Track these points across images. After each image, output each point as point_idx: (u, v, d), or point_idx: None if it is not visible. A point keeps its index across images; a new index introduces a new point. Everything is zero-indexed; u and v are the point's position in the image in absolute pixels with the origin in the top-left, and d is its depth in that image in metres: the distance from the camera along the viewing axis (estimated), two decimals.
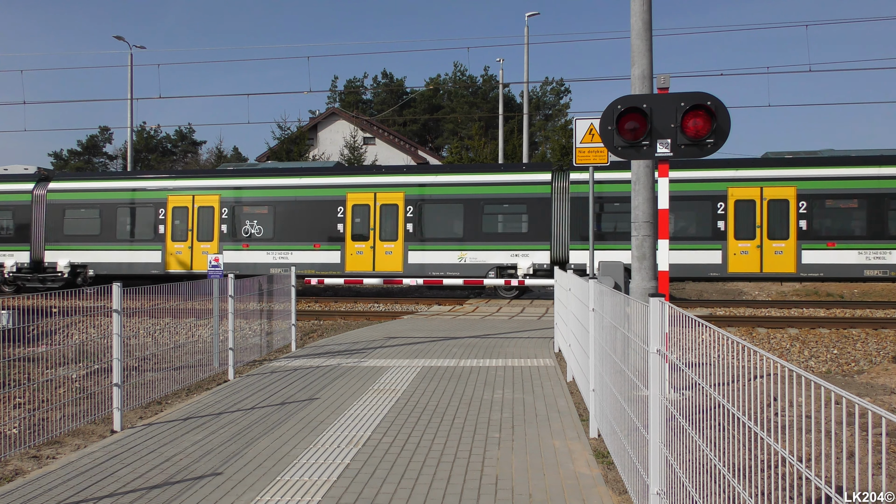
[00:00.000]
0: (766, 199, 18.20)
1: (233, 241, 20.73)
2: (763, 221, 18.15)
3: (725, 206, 18.24)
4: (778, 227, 18.12)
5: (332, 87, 59.33)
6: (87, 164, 50.39)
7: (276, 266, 20.15)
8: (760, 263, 18.10)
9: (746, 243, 18.15)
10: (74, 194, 21.78)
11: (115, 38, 37.73)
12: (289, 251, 20.41)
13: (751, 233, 18.19)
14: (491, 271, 19.40)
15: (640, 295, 7.79)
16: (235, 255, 20.58)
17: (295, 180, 20.79)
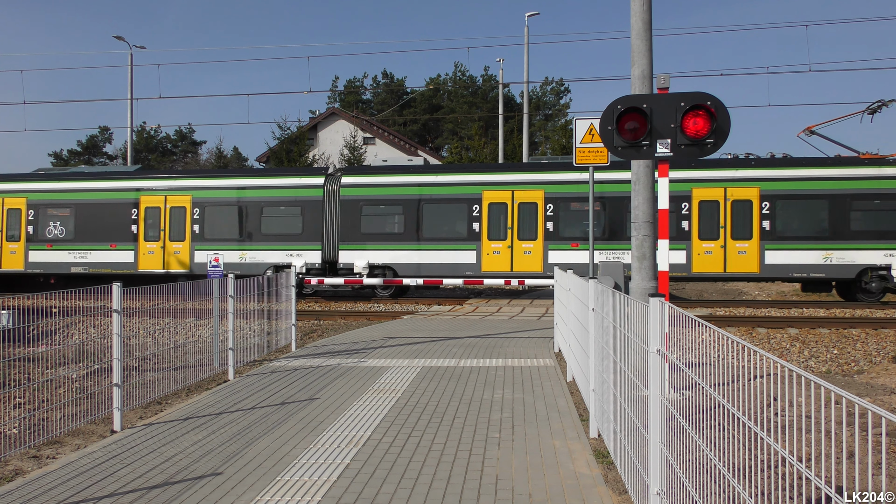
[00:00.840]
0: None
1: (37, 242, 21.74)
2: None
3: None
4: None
5: (332, 87, 59.35)
6: (87, 164, 50.39)
7: (76, 265, 21.28)
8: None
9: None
10: None
11: (115, 38, 37.72)
12: None
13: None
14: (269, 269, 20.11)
15: (640, 295, 7.79)
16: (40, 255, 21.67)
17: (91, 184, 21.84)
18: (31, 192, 21.74)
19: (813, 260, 17.96)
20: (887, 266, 17.84)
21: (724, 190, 18.22)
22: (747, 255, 18.00)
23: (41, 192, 21.73)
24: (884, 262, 17.82)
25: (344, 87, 60.21)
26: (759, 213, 18.06)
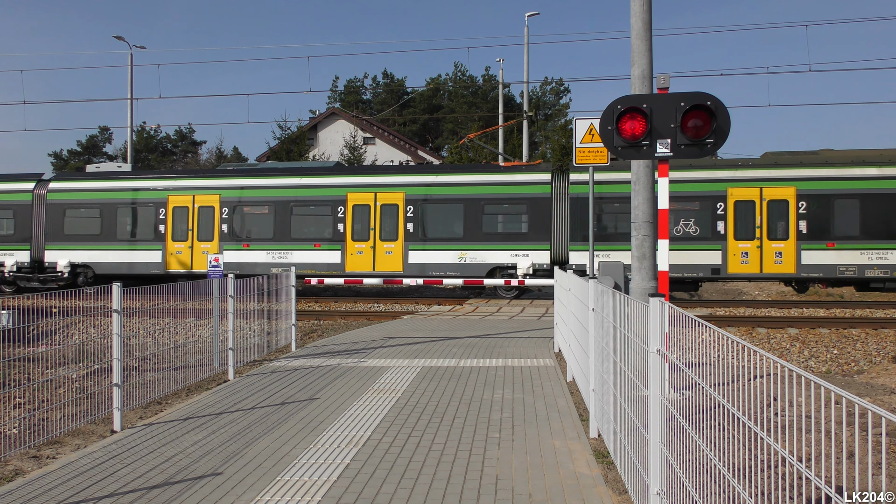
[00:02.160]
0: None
1: None
2: None
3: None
4: None
5: (333, 87, 59.35)
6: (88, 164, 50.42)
7: None
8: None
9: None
10: None
11: (115, 38, 37.73)
12: None
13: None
14: None
15: (640, 295, 7.79)
16: None
17: None
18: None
19: None
20: None
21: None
22: None
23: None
24: None
25: (344, 87, 60.21)
26: None
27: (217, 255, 9.87)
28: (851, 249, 17.83)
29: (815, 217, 18.00)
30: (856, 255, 17.85)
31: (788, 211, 18.14)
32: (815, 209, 17.97)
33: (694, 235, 18.51)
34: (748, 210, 18.31)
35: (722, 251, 18.30)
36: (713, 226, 18.44)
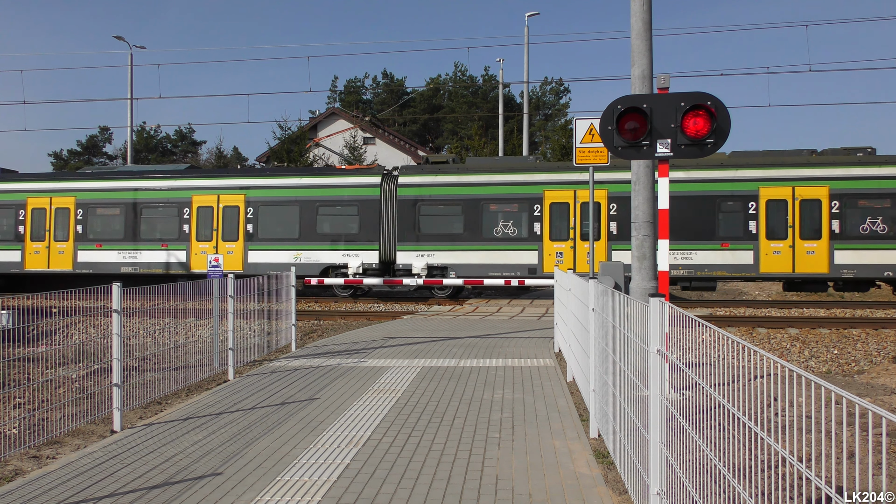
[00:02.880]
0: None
1: None
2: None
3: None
4: None
5: (332, 87, 59.36)
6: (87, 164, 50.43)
7: None
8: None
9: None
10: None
11: (115, 38, 37.73)
12: None
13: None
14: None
15: (640, 295, 7.79)
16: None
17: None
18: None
19: None
20: None
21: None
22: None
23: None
24: None
25: (344, 87, 60.21)
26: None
27: (217, 256, 9.86)
28: None
29: (621, 219, 18.77)
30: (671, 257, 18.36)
31: (600, 213, 19.07)
32: (623, 211, 18.58)
33: (513, 236, 19.42)
34: (563, 212, 19.30)
35: (537, 251, 19.33)
36: (530, 227, 19.42)
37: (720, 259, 18.42)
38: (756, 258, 18.31)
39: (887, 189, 17.96)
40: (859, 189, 18.07)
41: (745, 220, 18.44)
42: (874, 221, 18.01)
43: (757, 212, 18.38)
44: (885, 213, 17.98)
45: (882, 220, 17.97)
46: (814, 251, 18.13)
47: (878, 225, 17.97)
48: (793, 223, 18.28)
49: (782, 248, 18.25)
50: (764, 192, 18.38)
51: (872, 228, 17.98)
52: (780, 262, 18.24)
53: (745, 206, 18.45)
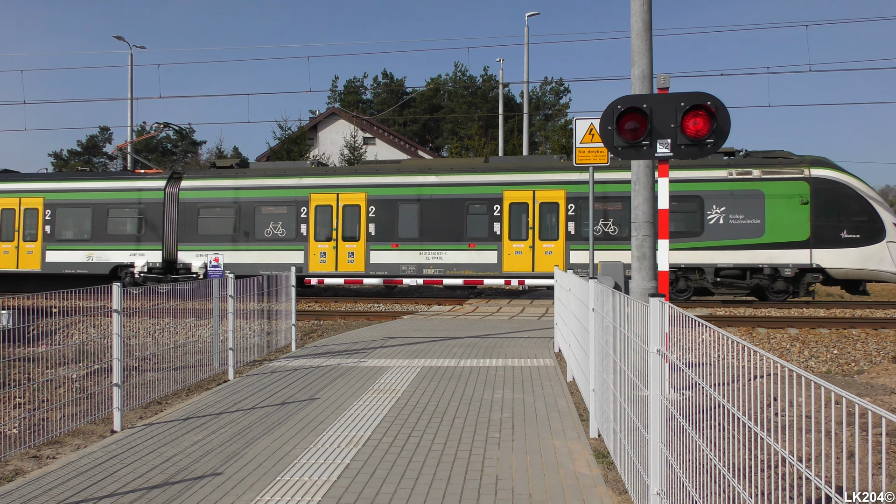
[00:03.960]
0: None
1: None
2: None
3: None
4: None
5: (333, 87, 59.37)
6: (87, 164, 50.46)
7: None
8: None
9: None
10: None
11: (115, 38, 37.73)
12: None
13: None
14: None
15: (640, 295, 7.79)
16: None
17: None
18: None
19: None
20: None
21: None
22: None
23: None
24: None
25: (344, 87, 60.22)
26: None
27: (217, 256, 9.86)
28: (411, 250, 19.85)
29: (380, 220, 20.21)
30: (415, 255, 19.83)
31: (359, 214, 20.32)
32: (383, 214, 20.19)
33: (282, 237, 20.70)
34: (327, 214, 20.58)
35: (303, 251, 20.61)
36: (298, 229, 20.63)
37: (468, 259, 19.56)
38: (500, 258, 19.45)
39: (619, 192, 18.70)
40: (596, 192, 18.77)
41: (491, 222, 19.58)
42: (606, 223, 19.06)
43: (501, 214, 19.53)
44: (616, 215, 18.97)
45: (613, 223, 19.02)
46: (552, 251, 19.20)
47: (610, 227, 19.02)
48: (533, 225, 19.34)
49: (523, 249, 19.34)
50: (508, 196, 19.51)
51: (605, 230, 19.02)
52: (521, 261, 19.33)
53: (491, 208, 19.60)
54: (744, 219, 18.42)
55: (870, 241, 17.93)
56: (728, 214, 18.49)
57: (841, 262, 18.07)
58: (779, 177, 18.39)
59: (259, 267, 20.18)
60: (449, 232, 19.74)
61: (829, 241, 18.01)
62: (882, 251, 17.85)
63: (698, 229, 18.60)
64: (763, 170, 18.53)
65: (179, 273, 21.07)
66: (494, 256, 19.47)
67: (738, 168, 18.67)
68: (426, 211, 19.96)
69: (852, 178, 18.41)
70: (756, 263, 18.34)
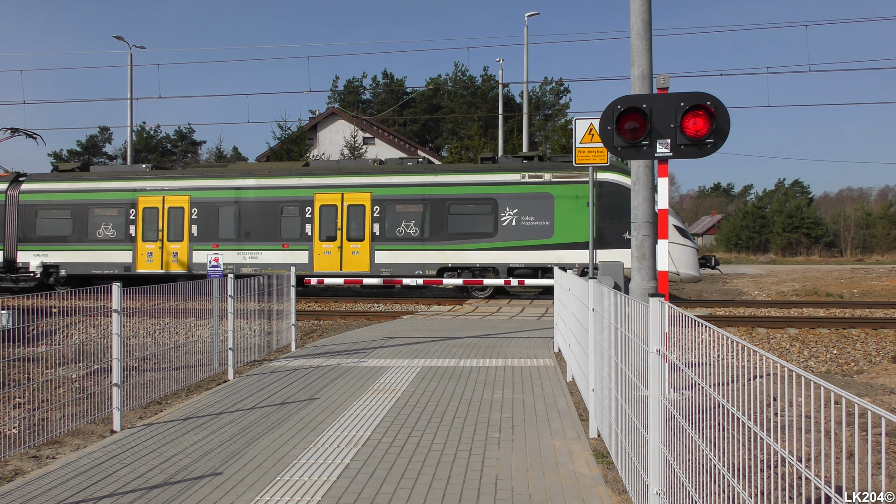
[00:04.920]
0: None
1: None
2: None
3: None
4: None
5: (333, 87, 59.37)
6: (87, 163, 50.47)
7: None
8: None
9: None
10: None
11: (115, 38, 37.72)
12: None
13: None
14: None
15: (640, 295, 7.79)
16: None
17: None
18: None
19: None
20: None
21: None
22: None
23: None
24: None
25: (344, 87, 60.21)
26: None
27: (217, 255, 9.86)
28: (230, 250, 20.91)
29: (202, 222, 21.21)
30: (234, 255, 20.82)
31: (183, 216, 21.43)
32: (205, 215, 21.25)
33: (113, 237, 21.68)
34: (154, 215, 21.59)
35: (132, 251, 21.60)
36: (127, 230, 21.64)
37: (281, 259, 20.52)
38: (311, 258, 20.43)
39: (418, 195, 19.99)
40: (396, 195, 20.21)
41: (303, 223, 20.60)
42: (408, 224, 20.06)
43: (313, 216, 20.51)
44: (416, 217, 20.08)
45: (414, 224, 20.06)
46: (358, 252, 20.19)
47: (412, 228, 20.03)
48: (341, 226, 20.35)
49: (332, 249, 20.38)
50: (319, 198, 20.54)
51: (406, 231, 20.04)
52: (330, 261, 20.35)
53: (304, 210, 20.63)
54: (535, 220, 19.36)
55: None
56: (520, 216, 19.41)
57: (625, 262, 18.52)
58: (567, 180, 19.26)
59: (91, 266, 21.53)
60: (265, 233, 20.78)
61: (613, 242, 18.79)
62: None
63: (492, 230, 19.58)
64: (553, 173, 19.48)
65: (19, 272, 22.06)
66: (306, 256, 20.46)
67: (530, 172, 19.66)
68: (244, 213, 21.01)
69: None
70: (546, 263, 19.24)
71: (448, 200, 19.97)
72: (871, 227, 65.72)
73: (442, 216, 19.91)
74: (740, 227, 70.03)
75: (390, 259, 19.98)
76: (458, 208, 19.87)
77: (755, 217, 70.01)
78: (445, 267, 19.86)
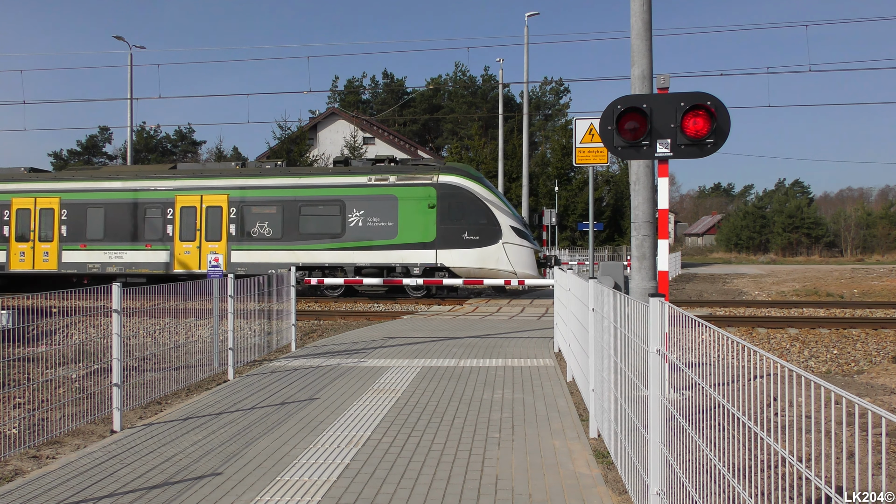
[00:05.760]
0: None
1: None
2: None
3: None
4: None
5: (333, 87, 59.39)
6: (87, 163, 50.43)
7: None
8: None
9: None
10: None
11: (115, 38, 37.71)
12: None
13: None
14: None
15: (640, 295, 7.79)
16: None
17: None
18: None
19: None
20: None
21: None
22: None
23: None
24: None
25: (344, 87, 60.21)
26: None
27: (217, 255, 9.87)
28: (97, 250, 21.77)
29: (72, 223, 22.09)
30: (100, 255, 21.76)
31: (53, 217, 22.23)
32: (74, 217, 22.10)
33: None
34: (26, 217, 22.37)
35: (6, 251, 22.43)
36: (0, 230, 22.45)
37: (144, 258, 21.52)
38: (171, 257, 21.43)
39: (272, 197, 21.07)
40: (251, 197, 21.20)
41: (165, 224, 21.54)
42: (262, 226, 21.08)
43: (174, 217, 21.47)
44: (270, 218, 21.06)
45: (268, 225, 21.05)
46: (216, 252, 21.09)
47: (266, 229, 21.08)
48: (200, 227, 21.33)
49: (192, 249, 21.36)
50: (180, 200, 21.46)
51: (261, 232, 21.10)
52: (190, 260, 21.43)
53: (165, 212, 21.55)
54: (380, 221, 20.26)
55: (488, 243, 19.80)
56: (366, 217, 20.36)
57: (462, 261, 19.88)
58: (411, 182, 20.20)
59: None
60: (129, 234, 21.70)
61: (453, 243, 19.85)
62: (499, 251, 19.78)
63: (340, 231, 20.54)
64: (398, 176, 20.43)
65: None
66: (167, 256, 21.44)
67: (377, 174, 20.60)
68: (111, 214, 21.82)
69: (475, 184, 20.17)
70: (390, 263, 20.16)
71: (300, 202, 20.94)
72: (872, 227, 65.74)
73: (294, 217, 20.88)
74: (740, 227, 70.05)
75: (246, 259, 20.99)
76: (309, 210, 20.84)
77: (755, 217, 70.04)
78: (297, 266, 20.64)
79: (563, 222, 44.44)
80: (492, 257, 19.71)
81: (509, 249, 19.70)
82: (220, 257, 9.89)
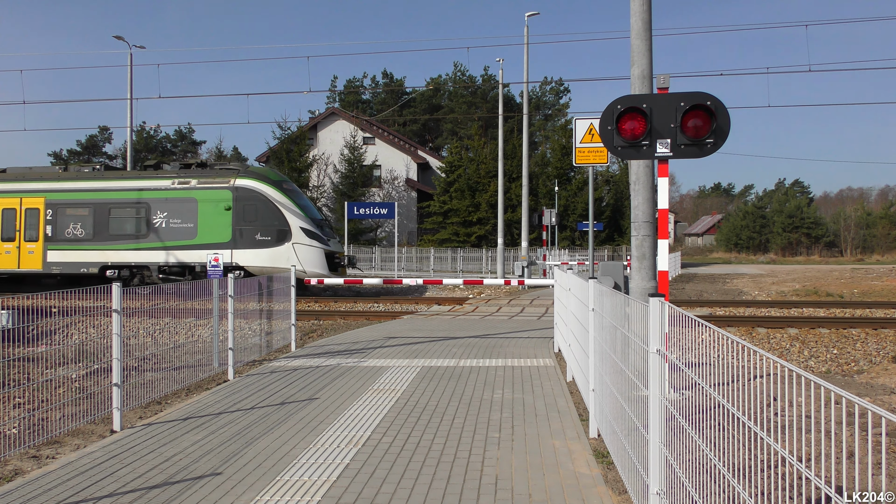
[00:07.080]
0: None
1: None
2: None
3: None
4: None
5: (332, 87, 59.38)
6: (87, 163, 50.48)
7: None
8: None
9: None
10: None
11: (115, 38, 37.72)
12: None
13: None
14: None
15: (640, 295, 7.79)
16: None
17: None
18: None
19: None
20: None
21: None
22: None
23: None
24: None
25: (344, 87, 60.21)
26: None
27: (217, 255, 9.87)
28: None
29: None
30: None
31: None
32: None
33: None
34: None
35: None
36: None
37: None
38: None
39: (86, 200, 22.16)
40: (66, 200, 22.26)
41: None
42: (76, 227, 22.12)
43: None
44: (83, 219, 22.13)
45: (81, 226, 22.14)
46: (33, 251, 22.29)
47: (79, 230, 22.09)
48: (20, 228, 22.40)
49: (12, 249, 22.43)
50: (1, 202, 22.43)
51: (75, 233, 22.12)
52: (10, 259, 22.38)
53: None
54: (181, 223, 21.43)
55: (279, 243, 21.03)
56: (169, 219, 21.50)
57: (256, 261, 20.95)
58: (210, 186, 21.47)
59: None
60: None
61: (247, 243, 21.05)
62: (289, 251, 20.97)
63: (145, 232, 21.66)
64: (199, 179, 21.68)
65: None
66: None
67: (179, 178, 21.82)
68: None
69: (269, 188, 21.28)
70: (191, 262, 21.26)
71: (110, 204, 22.12)
72: (871, 227, 65.76)
73: (104, 219, 22.00)
74: (740, 227, 70.08)
75: (61, 258, 22.04)
76: (118, 212, 22.02)
77: (755, 217, 70.06)
78: (107, 266, 21.84)
79: (563, 222, 44.45)
80: (283, 257, 20.84)
81: (299, 249, 20.95)
82: (221, 257, 9.89)
